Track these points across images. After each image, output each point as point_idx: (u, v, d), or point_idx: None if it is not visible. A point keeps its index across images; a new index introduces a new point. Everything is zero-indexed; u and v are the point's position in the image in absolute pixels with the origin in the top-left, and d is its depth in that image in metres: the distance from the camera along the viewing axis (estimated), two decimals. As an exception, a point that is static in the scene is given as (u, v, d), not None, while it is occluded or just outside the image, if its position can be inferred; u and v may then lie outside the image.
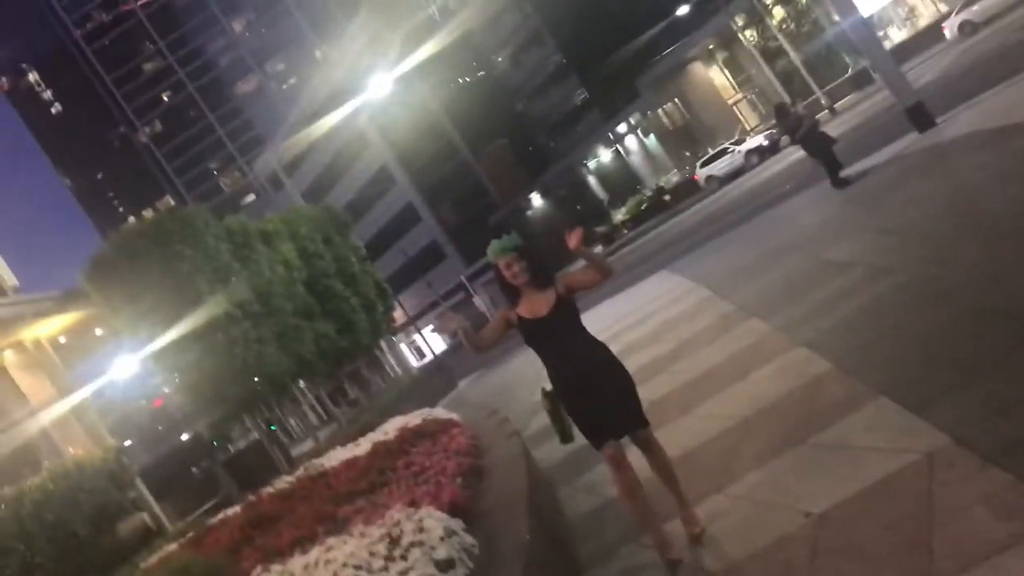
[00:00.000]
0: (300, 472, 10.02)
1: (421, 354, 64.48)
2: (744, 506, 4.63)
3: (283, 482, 9.91)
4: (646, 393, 7.59)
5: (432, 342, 63.45)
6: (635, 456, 4.80)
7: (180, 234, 15.37)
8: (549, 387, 4.75)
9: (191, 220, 15.64)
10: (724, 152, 38.77)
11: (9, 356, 14.93)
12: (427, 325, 64.84)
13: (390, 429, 9.73)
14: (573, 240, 4.58)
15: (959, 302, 5.65)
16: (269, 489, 9.90)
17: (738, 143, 38.51)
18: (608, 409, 4.60)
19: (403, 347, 63.92)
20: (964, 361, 4.73)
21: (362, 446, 9.58)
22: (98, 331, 17.72)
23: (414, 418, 9.77)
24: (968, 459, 3.70)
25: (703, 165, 39.75)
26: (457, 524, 4.85)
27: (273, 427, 23.16)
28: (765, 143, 35.72)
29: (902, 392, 4.75)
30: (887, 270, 7.32)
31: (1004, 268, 5.81)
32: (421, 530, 4.71)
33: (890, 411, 4.64)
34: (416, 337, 66.56)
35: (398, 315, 60.53)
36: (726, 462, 5.35)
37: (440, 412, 9.98)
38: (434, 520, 4.78)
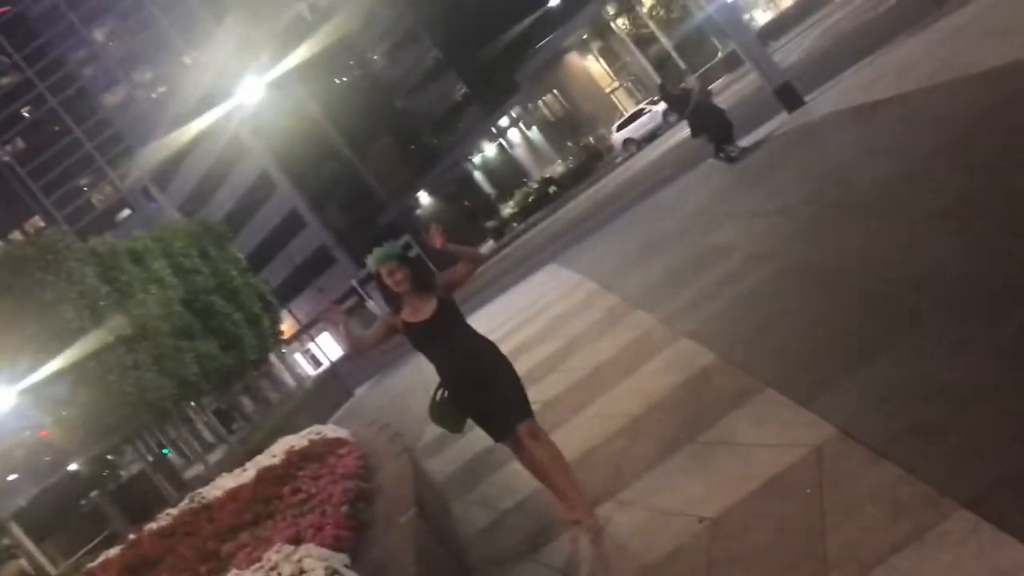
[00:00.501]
0: (184, 504, 9.55)
1: (317, 362, 63.20)
2: (638, 513, 4.47)
3: (167, 516, 9.44)
4: (538, 394, 7.45)
5: (327, 349, 62.26)
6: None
7: (40, 261, 14.42)
8: (436, 395, 4.86)
9: (51, 245, 14.70)
10: (641, 113, 37.65)
11: None
12: (321, 333, 63.58)
13: (278, 451, 9.34)
14: (437, 239, 4.74)
15: (840, 286, 5.65)
16: (152, 525, 9.48)
17: (654, 103, 37.58)
18: (496, 403, 4.71)
19: (298, 356, 62.66)
20: (848, 348, 4.68)
21: (249, 472, 9.19)
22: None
23: (303, 438, 9.37)
24: (857, 451, 3.61)
25: (619, 129, 38.21)
26: (340, 560, 4.55)
27: (167, 451, 22.19)
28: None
29: (788, 383, 4.68)
30: (768, 255, 7.33)
31: (881, 248, 5.84)
32: (302, 572, 4.39)
33: (777, 403, 4.56)
34: (311, 345, 65.21)
35: (290, 325, 59.30)
36: (619, 465, 5.19)
37: (330, 430, 9.59)
38: (315, 559, 4.46)
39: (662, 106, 35.78)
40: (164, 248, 19.42)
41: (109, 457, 19.63)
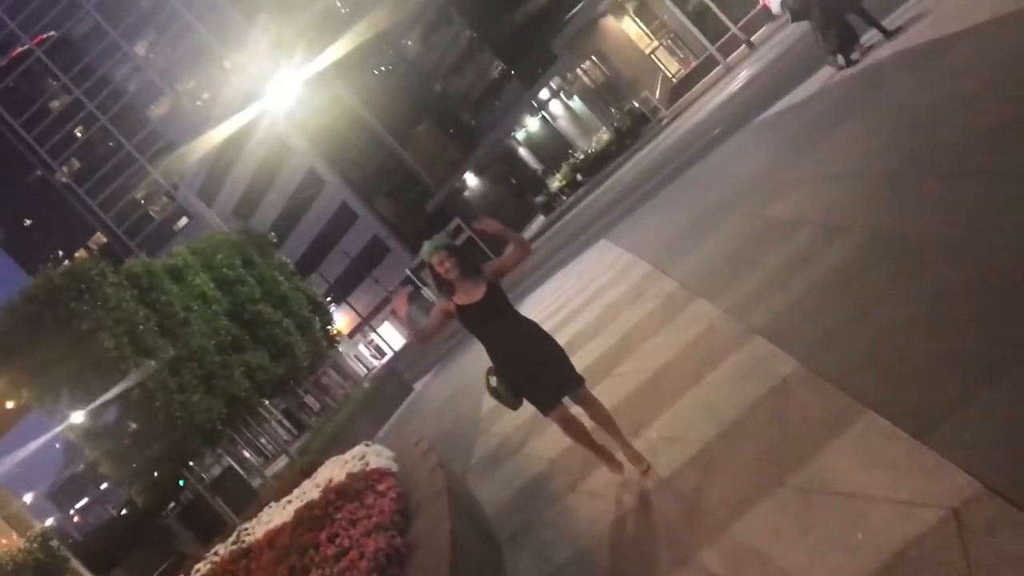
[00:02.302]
0: (231, 541, 9.05)
1: (382, 352, 63.10)
2: (720, 590, 3.57)
3: (215, 556, 8.99)
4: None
5: (389, 339, 62.06)
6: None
7: (73, 291, 13.94)
8: (493, 381, 5.21)
9: (83, 274, 14.22)
10: None
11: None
12: (382, 323, 63.37)
13: (321, 480, 8.81)
14: (487, 227, 5.15)
15: (941, 265, 4.61)
16: (199, 567, 9.08)
17: None
18: (544, 376, 5.09)
19: (361, 347, 62.64)
20: (969, 353, 3.68)
21: (293, 504, 8.71)
22: (9, 404, 16.25)
23: (344, 467, 8.74)
24: (1014, 518, 2.66)
25: None
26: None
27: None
28: None
29: (895, 404, 3.70)
30: (842, 227, 6.29)
31: (981, 213, 4.80)
32: None
33: (884, 436, 3.58)
34: (373, 336, 65.12)
35: (351, 318, 59.15)
36: (690, 515, 4.28)
37: (373, 453, 8.86)
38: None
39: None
40: (205, 262, 18.92)
41: (181, 483, 19.29)
